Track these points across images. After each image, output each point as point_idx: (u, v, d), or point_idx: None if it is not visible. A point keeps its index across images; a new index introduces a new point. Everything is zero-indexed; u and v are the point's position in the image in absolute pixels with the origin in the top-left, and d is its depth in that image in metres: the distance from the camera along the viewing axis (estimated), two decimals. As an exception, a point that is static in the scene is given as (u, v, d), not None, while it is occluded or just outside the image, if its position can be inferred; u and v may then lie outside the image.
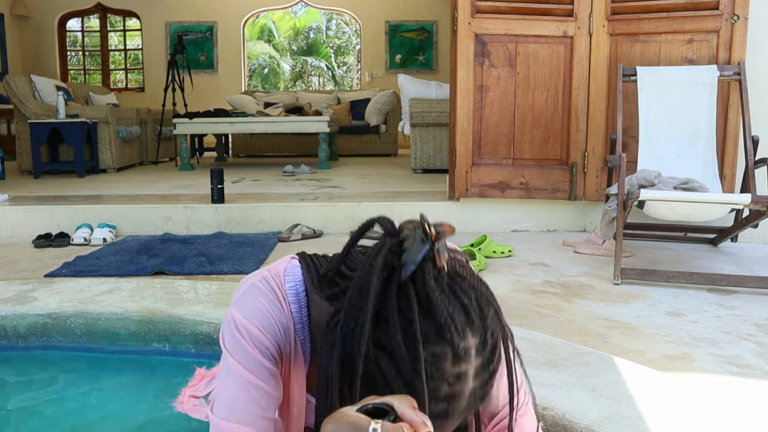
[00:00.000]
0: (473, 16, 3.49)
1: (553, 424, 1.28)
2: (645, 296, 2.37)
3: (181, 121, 6.27)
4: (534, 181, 3.57)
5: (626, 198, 2.55)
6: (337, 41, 20.85)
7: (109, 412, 1.74)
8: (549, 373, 1.48)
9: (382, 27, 10.07)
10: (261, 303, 0.80)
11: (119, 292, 2.27)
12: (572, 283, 2.57)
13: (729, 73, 3.12)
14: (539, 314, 2.14)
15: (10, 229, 3.64)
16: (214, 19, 10.04)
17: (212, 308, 2.07)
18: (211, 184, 3.75)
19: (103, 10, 10.29)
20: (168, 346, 2.03)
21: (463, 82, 3.52)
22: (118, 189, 4.67)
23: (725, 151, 3.23)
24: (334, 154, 7.36)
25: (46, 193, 4.45)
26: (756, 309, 2.20)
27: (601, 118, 3.49)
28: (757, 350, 1.79)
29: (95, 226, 3.52)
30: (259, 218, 3.69)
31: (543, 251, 3.16)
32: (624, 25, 3.43)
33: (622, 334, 1.94)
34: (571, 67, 3.50)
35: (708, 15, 3.25)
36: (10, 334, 2.08)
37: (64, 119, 5.56)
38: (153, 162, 7.19)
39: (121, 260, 2.88)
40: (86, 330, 2.07)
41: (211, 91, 9.50)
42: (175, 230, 3.64)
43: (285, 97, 8.80)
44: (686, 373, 1.64)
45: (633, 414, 1.27)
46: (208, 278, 2.62)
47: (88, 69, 12.21)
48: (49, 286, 2.35)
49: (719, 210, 2.64)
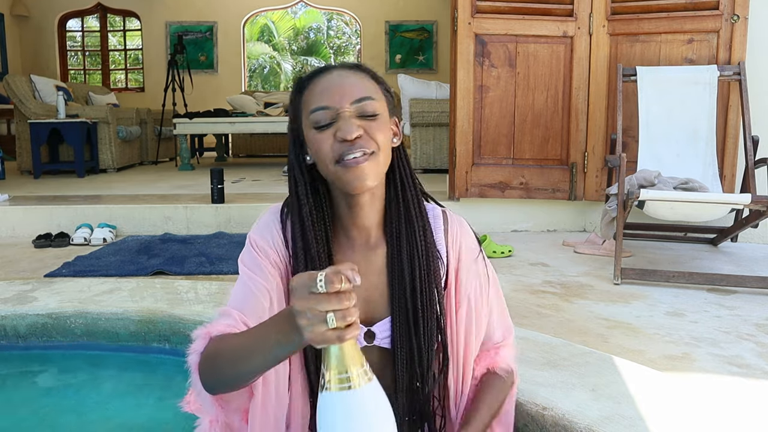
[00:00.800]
0: (473, 16, 3.49)
1: (553, 424, 1.28)
2: (645, 296, 2.37)
3: (181, 121, 6.27)
4: (534, 181, 3.57)
5: (626, 198, 2.55)
6: (337, 41, 20.85)
7: (109, 411, 1.74)
8: (549, 373, 1.48)
9: (382, 27, 10.06)
10: (266, 221, 1.06)
11: (119, 292, 2.27)
12: (572, 283, 2.57)
13: (729, 73, 3.12)
14: (539, 314, 2.14)
15: (10, 229, 3.64)
16: (214, 19, 10.03)
17: (212, 308, 2.07)
18: (211, 184, 3.75)
19: (103, 10, 10.29)
20: (168, 346, 2.03)
21: (463, 82, 3.52)
22: (118, 189, 4.67)
23: (725, 151, 3.23)
24: (334, 154, 7.34)
25: (46, 193, 4.45)
26: (756, 309, 2.20)
27: (601, 118, 3.49)
28: (757, 350, 1.79)
29: (95, 226, 3.52)
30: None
31: (543, 251, 3.16)
32: (624, 25, 3.43)
33: (622, 334, 1.94)
34: (571, 67, 3.50)
35: (708, 15, 3.25)
36: (10, 334, 2.08)
37: (64, 119, 5.56)
38: (153, 162, 7.19)
39: (121, 260, 2.88)
40: (86, 330, 2.07)
41: (211, 91, 9.49)
42: (175, 230, 3.64)
43: (285, 97, 8.78)
44: (686, 373, 1.64)
45: (633, 414, 1.27)
46: (208, 278, 2.62)
47: (88, 69, 12.21)
48: (49, 286, 2.35)
49: (719, 210, 2.64)
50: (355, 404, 0.75)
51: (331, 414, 0.75)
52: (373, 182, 0.97)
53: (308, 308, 0.71)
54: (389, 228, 1.05)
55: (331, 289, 0.70)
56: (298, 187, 1.03)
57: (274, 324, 0.81)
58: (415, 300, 1.03)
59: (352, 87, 0.98)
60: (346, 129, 0.94)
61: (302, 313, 0.71)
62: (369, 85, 1.00)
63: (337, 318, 0.70)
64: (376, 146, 0.96)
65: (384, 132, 0.98)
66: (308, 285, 0.71)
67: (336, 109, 0.96)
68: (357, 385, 0.74)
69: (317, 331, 0.71)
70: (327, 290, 0.70)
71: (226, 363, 0.88)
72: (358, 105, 0.97)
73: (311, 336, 0.72)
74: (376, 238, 1.06)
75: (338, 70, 1.00)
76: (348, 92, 0.97)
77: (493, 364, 1.14)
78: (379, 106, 0.98)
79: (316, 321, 0.70)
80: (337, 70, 1.00)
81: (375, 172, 0.97)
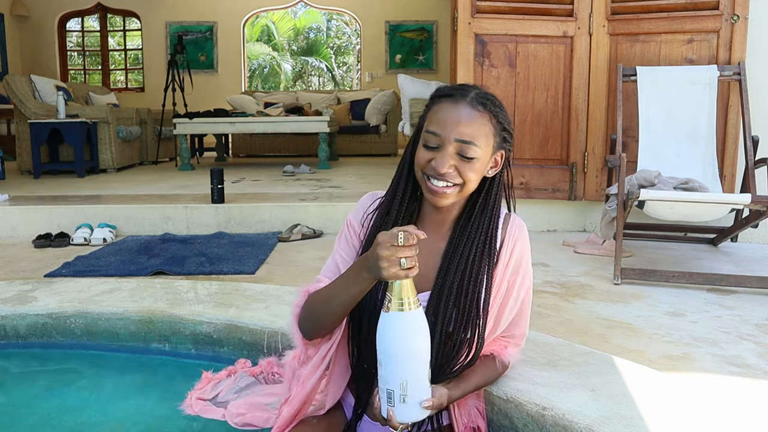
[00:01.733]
0: (473, 16, 3.49)
1: (553, 424, 1.28)
2: (645, 296, 2.37)
3: (181, 121, 6.27)
4: (534, 180, 3.57)
5: (626, 198, 2.55)
6: (337, 41, 20.85)
7: (109, 411, 1.74)
8: (549, 373, 1.48)
9: (382, 27, 10.06)
10: (361, 202, 1.33)
11: (119, 292, 2.27)
12: (572, 283, 2.57)
13: (729, 73, 3.12)
14: (539, 314, 2.14)
15: (10, 229, 3.64)
16: (214, 19, 10.04)
17: (212, 308, 2.07)
18: (211, 184, 3.75)
19: (103, 10, 10.29)
20: (168, 346, 2.03)
21: (463, 82, 3.52)
22: (118, 189, 4.67)
23: (725, 151, 3.23)
24: (334, 154, 7.35)
25: (46, 193, 4.45)
26: (756, 309, 2.20)
27: (601, 118, 3.49)
28: (757, 350, 1.79)
29: (95, 226, 3.52)
30: (259, 218, 3.69)
31: (543, 251, 3.16)
32: (624, 25, 3.43)
33: (622, 334, 1.94)
34: (571, 67, 3.50)
35: (708, 15, 3.25)
36: (10, 334, 2.08)
37: (64, 119, 5.56)
38: (153, 162, 7.19)
39: (121, 260, 2.88)
40: (86, 330, 2.07)
41: (211, 91, 9.50)
42: (175, 230, 3.64)
43: (285, 97, 8.80)
44: (686, 373, 1.64)
45: (633, 414, 1.27)
46: (208, 278, 2.62)
47: (88, 69, 12.21)
48: (49, 286, 2.35)
49: (719, 210, 2.64)
50: (406, 322, 1.04)
51: (389, 328, 1.05)
52: (450, 203, 1.19)
53: (390, 255, 1.00)
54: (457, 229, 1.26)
55: (407, 243, 1.00)
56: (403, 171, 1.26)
57: (352, 271, 1.11)
58: (463, 280, 1.22)
59: (465, 127, 1.15)
60: (440, 162, 1.15)
61: (384, 258, 1.00)
62: (483, 129, 1.16)
63: (408, 262, 1.00)
64: (461, 181, 1.17)
65: (476, 171, 1.17)
66: (391, 239, 1.00)
67: (442, 139, 1.15)
68: (409, 309, 1.04)
69: (392, 270, 1.01)
70: (404, 243, 1.00)
71: (319, 306, 1.18)
72: (460, 144, 1.14)
73: (388, 274, 1.01)
74: (447, 229, 1.27)
75: (463, 105, 1.16)
76: (459, 131, 1.14)
77: (500, 353, 1.33)
78: (480, 151, 1.16)
79: (394, 263, 1.01)
80: (463, 104, 1.16)
81: (454, 198, 1.19)
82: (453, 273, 1.23)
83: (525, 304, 1.32)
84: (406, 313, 1.04)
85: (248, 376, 1.83)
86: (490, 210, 1.25)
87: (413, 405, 1.09)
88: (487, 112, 1.16)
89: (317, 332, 1.22)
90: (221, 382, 1.83)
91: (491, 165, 1.21)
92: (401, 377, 1.07)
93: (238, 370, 1.87)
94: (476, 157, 1.15)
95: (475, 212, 1.25)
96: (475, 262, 1.23)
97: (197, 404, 1.73)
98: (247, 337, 1.95)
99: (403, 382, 1.07)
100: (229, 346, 1.97)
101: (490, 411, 1.40)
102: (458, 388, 1.24)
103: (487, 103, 1.17)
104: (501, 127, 1.19)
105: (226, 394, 1.77)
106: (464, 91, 1.18)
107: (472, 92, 1.18)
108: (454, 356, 1.24)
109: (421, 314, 1.06)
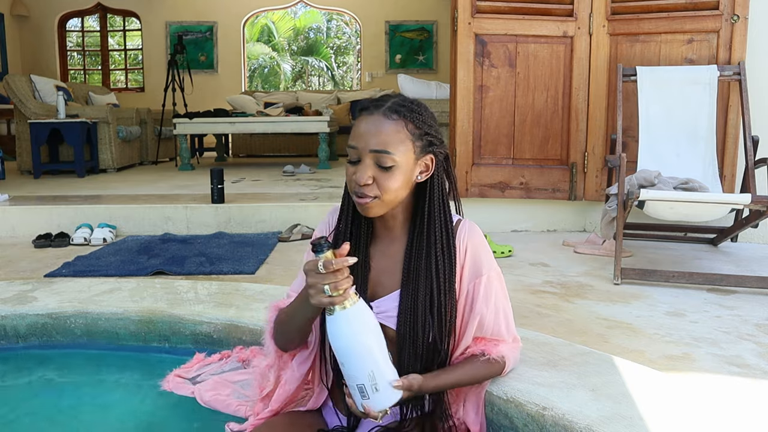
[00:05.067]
0: (473, 16, 3.49)
1: (553, 424, 1.28)
2: (645, 296, 2.37)
3: (181, 121, 6.27)
4: (534, 181, 3.57)
5: (626, 198, 2.55)
6: (337, 41, 20.85)
7: (108, 411, 1.74)
8: (549, 373, 1.48)
9: (382, 27, 10.06)
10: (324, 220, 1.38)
11: (119, 292, 2.27)
12: (572, 283, 2.57)
13: (729, 73, 3.12)
14: (539, 314, 2.14)
15: (10, 229, 3.64)
16: (214, 19, 10.03)
17: (212, 308, 2.07)
18: (211, 184, 3.75)
19: (103, 10, 10.29)
20: (168, 346, 2.04)
21: (463, 82, 3.52)
22: (118, 189, 4.67)
23: (725, 151, 3.23)
24: (334, 154, 7.36)
25: (46, 193, 4.45)
26: (756, 309, 2.20)
27: (601, 118, 3.49)
28: (757, 350, 1.79)
29: (95, 226, 3.52)
30: (259, 218, 3.69)
31: (543, 251, 3.16)
32: (624, 25, 3.43)
33: (622, 334, 1.94)
34: (571, 67, 3.50)
35: (708, 15, 3.25)
36: (10, 334, 2.08)
37: (64, 119, 5.56)
38: (153, 162, 7.19)
39: (121, 260, 2.88)
40: (86, 330, 2.07)
41: (211, 91, 9.49)
42: (175, 230, 3.64)
43: (285, 97, 8.80)
44: (686, 373, 1.64)
45: (633, 414, 1.27)
46: (208, 278, 2.62)
47: (88, 69, 12.21)
48: (49, 286, 2.35)
49: (719, 210, 2.64)
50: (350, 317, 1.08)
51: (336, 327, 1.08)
52: (379, 214, 1.21)
53: (315, 282, 1.05)
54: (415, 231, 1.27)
55: (327, 270, 1.04)
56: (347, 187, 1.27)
57: (302, 294, 1.16)
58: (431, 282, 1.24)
59: (378, 137, 1.16)
60: (360, 176, 1.16)
61: (310, 286, 1.06)
62: (397, 136, 1.17)
63: (331, 288, 1.05)
64: (380, 193, 1.17)
65: (396, 180, 1.17)
66: (314, 267, 1.05)
67: (359, 151, 1.17)
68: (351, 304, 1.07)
69: (317, 298, 1.06)
70: (324, 271, 1.04)
71: (285, 323, 1.25)
72: (376, 155, 1.16)
73: (315, 301, 1.07)
74: (398, 235, 1.29)
75: (376, 116, 1.17)
76: (372, 142, 1.16)
77: (490, 351, 1.32)
78: (398, 158, 1.16)
79: (318, 291, 1.06)
80: (376, 115, 1.18)
81: (380, 209, 1.19)
82: (415, 274, 1.24)
83: (501, 304, 1.30)
84: (348, 309, 1.07)
85: (236, 361, 1.87)
86: (437, 212, 1.24)
87: (385, 389, 1.13)
88: (402, 119, 1.17)
89: (290, 345, 1.29)
90: (211, 364, 1.86)
91: (420, 170, 1.21)
92: (366, 369, 1.11)
93: (232, 355, 1.89)
94: (395, 165, 1.16)
95: (419, 217, 1.25)
96: (438, 262, 1.24)
97: (173, 381, 1.78)
98: (247, 337, 1.95)
99: (370, 373, 1.11)
100: (229, 346, 1.98)
101: (490, 411, 1.40)
102: (436, 378, 1.24)
103: (401, 110, 1.17)
104: (422, 132, 1.19)
105: (206, 375, 1.79)
106: (381, 102, 1.19)
107: (389, 102, 1.19)
108: (424, 356, 1.25)
109: (362, 305, 1.09)
